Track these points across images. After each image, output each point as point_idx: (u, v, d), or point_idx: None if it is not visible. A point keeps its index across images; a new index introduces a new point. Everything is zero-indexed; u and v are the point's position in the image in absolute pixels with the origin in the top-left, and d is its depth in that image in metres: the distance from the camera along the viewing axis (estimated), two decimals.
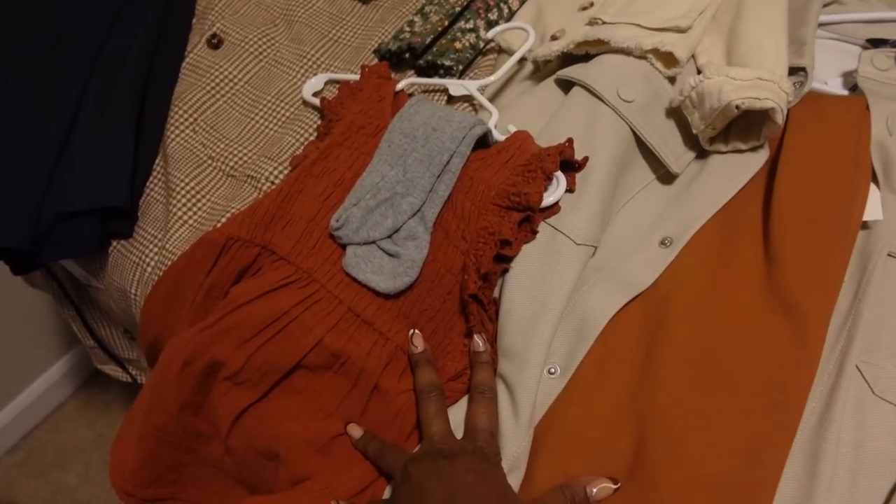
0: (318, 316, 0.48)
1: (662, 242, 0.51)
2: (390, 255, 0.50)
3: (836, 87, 0.58)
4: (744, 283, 0.48)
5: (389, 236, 0.50)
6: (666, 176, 0.55)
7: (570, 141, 0.49)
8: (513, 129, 0.54)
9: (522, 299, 0.46)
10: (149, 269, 0.61)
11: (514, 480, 0.44)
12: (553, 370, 0.47)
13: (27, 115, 0.63)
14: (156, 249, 0.62)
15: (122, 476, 0.60)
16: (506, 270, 0.48)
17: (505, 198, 0.48)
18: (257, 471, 0.55)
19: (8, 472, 1.31)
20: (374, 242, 0.50)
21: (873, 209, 0.50)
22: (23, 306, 1.23)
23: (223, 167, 0.64)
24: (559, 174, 0.49)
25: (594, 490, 0.43)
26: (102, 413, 1.37)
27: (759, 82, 0.49)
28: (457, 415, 0.47)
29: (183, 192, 0.63)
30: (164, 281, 0.58)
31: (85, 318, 0.81)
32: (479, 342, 0.47)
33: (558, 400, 0.46)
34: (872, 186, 0.51)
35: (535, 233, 0.49)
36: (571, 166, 0.50)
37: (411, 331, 0.48)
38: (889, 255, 0.50)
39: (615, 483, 0.43)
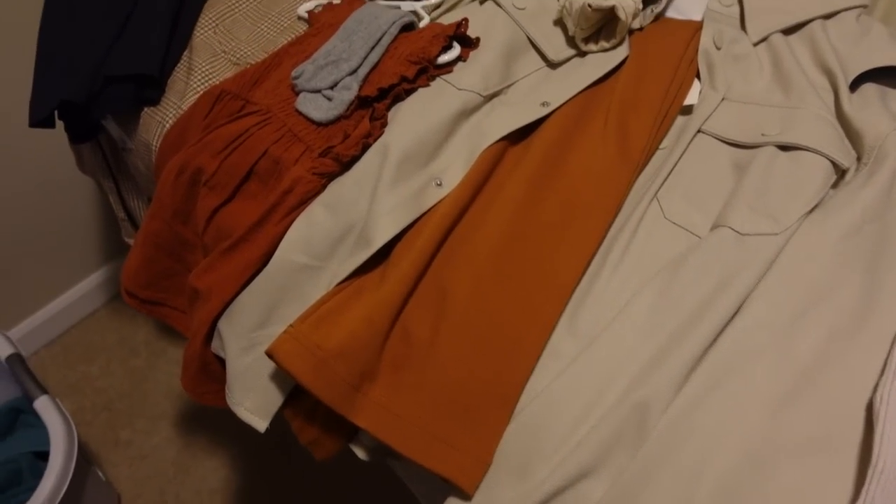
0: (268, 133, 0.67)
1: (543, 104, 0.67)
2: (328, 99, 0.68)
3: (695, 18, 0.74)
4: (589, 135, 0.64)
5: (331, 87, 0.69)
6: (554, 66, 0.72)
7: (465, 20, 0.67)
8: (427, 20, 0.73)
9: (405, 115, 0.64)
10: (167, 124, 0.81)
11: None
12: (439, 182, 0.63)
13: (100, 8, 0.85)
14: (173, 111, 0.82)
15: (127, 277, 0.79)
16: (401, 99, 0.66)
17: (413, 55, 0.66)
18: None
19: (43, 361, 1.53)
20: (319, 91, 0.69)
21: (692, 96, 0.66)
22: (69, 221, 1.45)
23: (231, 58, 0.84)
24: (455, 44, 0.67)
25: None
26: (129, 321, 1.58)
27: None
28: None
29: (200, 73, 0.83)
30: (176, 125, 0.78)
31: (119, 189, 1.02)
32: None
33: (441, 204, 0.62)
34: (696, 80, 0.67)
35: (431, 80, 0.66)
36: (468, 43, 0.68)
37: None
38: (699, 131, 0.65)
39: None
